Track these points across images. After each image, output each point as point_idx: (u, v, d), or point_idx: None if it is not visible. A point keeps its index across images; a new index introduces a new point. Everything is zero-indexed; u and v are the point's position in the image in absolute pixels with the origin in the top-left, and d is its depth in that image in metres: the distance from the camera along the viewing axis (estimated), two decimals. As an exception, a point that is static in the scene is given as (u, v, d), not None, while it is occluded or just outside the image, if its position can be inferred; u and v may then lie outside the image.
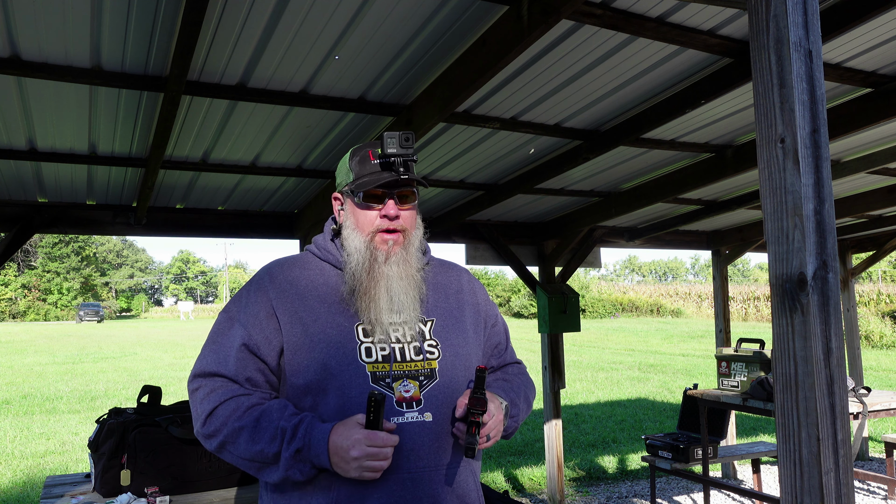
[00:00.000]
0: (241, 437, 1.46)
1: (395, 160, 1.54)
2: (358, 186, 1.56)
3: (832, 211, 1.26)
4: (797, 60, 1.26)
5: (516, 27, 2.13)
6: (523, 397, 1.70)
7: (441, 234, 5.38)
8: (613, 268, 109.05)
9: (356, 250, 1.57)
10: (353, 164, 1.61)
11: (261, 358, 1.52)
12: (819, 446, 1.20)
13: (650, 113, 3.15)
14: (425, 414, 1.49)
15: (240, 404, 1.49)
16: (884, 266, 42.09)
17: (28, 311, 54.51)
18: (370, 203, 1.57)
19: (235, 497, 2.90)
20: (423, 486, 1.46)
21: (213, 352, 1.56)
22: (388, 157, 1.54)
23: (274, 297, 1.56)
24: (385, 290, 1.53)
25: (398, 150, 1.53)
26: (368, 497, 1.44)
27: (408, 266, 1.57)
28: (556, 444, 5.78)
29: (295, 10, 2.18)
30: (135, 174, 3.84)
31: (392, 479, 1.45)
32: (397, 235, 1.58)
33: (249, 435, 1.45)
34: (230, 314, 1.59)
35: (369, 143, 1.63)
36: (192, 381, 1.57)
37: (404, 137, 1.53)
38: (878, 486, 6.17)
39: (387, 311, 1.53)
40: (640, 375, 15.21)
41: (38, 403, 12.14)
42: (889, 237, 6.89)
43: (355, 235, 1.59)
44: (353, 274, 1.55)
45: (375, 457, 1.38)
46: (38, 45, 2.30)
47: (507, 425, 1.59)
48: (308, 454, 1.42)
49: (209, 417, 1.49)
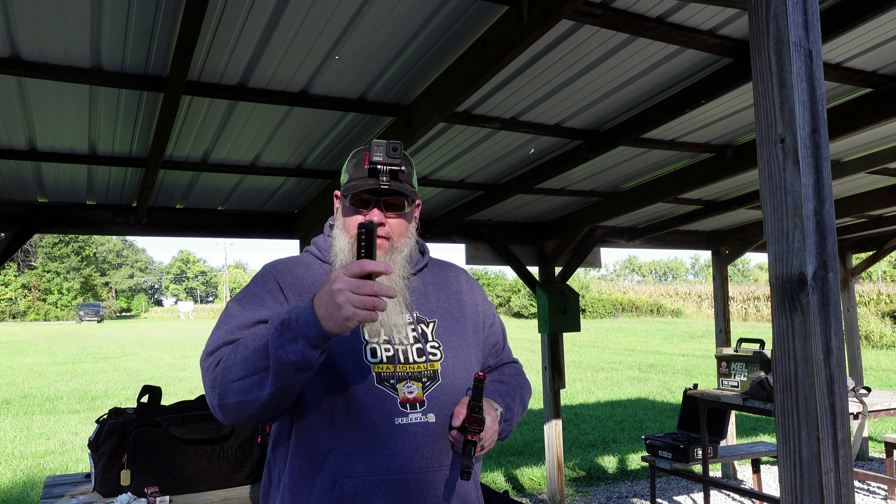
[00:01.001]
0: (237, 354, 1.37)
1: (381, 168, 1.53)
2: (346, 189, 1.57)
3: (832, 211, 1.26)
4: (797, 60, 1.26)
5: (516, 27, 2.14)
6: (518, 400, 1.70)
7: (441, 234, 5.38)
8: (613, 268, 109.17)
9: (341, 250, 1.58)
10: (350, 165, 1.62)
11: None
12: (819, 446, 1.20)
13: (650, 113, 3.15)
14: (428, 415, 1.50)
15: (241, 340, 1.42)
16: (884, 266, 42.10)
17: (28, 311, 54.51)
18: (357, 207, 1.57)
19: (235, 497, 2.90)
20: (427, 486, 1.47)
21: (225, 331, 1.49)
22: (374, 164, 1.53)
23: (284, 288, 1.56)
24: None
25: (384, 158, 1.52)
26: (373, 496, 1.44)
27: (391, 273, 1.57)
28: (556, 444, 5.78)
29: (295, 9, 2.18)
30: (135, 174, 3.84)
31: (396, 479, 1.45)
32: (381, 241, 1.56)
33: (243, 346, 1.37)
34: (240, 302, 1.55)
35: (369, 146, 1.62)
36: (204, 360, 1.49)
37: (391, 147, 1.52)
38: (879, 486, 6.17)
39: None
40: (640, 375, 15.20)
41: (38, 403, 12.14)
42: (889, 237, 6.89)
43: (341, 235, 1.60)
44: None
45: (360, 288, 1.24)
46: (38, 45, 2.30)
47: (500, 429, 1.59)
48: (297, 322, 1.29)
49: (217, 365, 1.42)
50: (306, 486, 1.48)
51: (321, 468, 1.47)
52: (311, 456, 1.48)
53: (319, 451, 1.47)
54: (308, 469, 1.48)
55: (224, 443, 3.01)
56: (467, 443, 1.44)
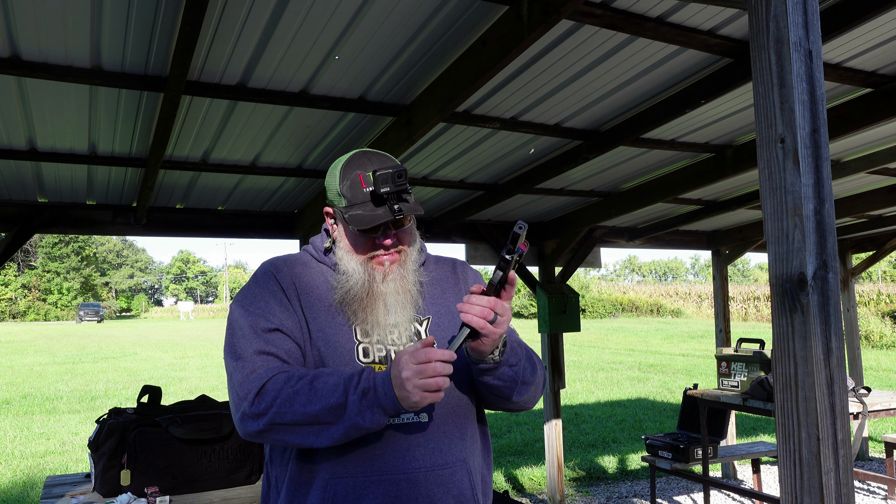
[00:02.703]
0: (295, 401, 1.39)
1: (390, 196, 1.47)
2: (352, 219, 1.50)
3: (832, 211, 1.26)
4: (797, 60, 1.26)
5: (516, 27, 2.14)
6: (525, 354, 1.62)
7: (441, 234, 5.38)
8: (613, 268, 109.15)
9: (354, 271, 1.54)
10: (343, 188, 1.54)
11: (288, 335, 1.50)
12: (819, 446, 1.20)
13: (650, 113, 3.15)
14: (421, 415, 1.50)
15: (291, 374, 1.43)
16: (884, 266, 42.11)
17: (28, 311, 54.52)
18: (366, 233, 1.54)
19: (235, 497, 2.90)
20: (419, 487, 1.46)
21: (243, 338, 1.49)
22: (382, 194, 1.47)
23: (285, 287, 1.56)
24: (383, 304, 1.53)
25: (392, 188, 1.46)
26: (364, 497, 1.44)
27: (405, 281, 1.56)
28: (556, 444, 5.78)
29: (295, 9, 2.18)
30: (135, 174, 3.84)
31: (388, 479, 1.45)
32: (394, 255, 1.56)
33: (306, 397, 1.39)
34: (247, 308, 1.54)
35: (357, 163, 1.56)
36: (228, 363, 1.49)
37: (397, 174, 1.46)
38: (878, 486, 6.17)
39: (383, 316, 1.53)
40: (640, 375, 15.20)
41: (38, 403, 12.14)
42: (889, 237, 6.89)
43: (350, 258, 1.56)
44: (349, 290, 1.53)
45: (424, 373, 1.33)
46: (38, 45, 2.30)
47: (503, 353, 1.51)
48: (375, 393, 1.36)
49: (258, 396, 1.41)
50: (303, 486, 1.48)
51: (316, 469, 1.47)
52: (306, 457, 1.49)
53: (314, 452, 1.48)
54: (304, 470, 1.49)
55: (224, 443, 3.01)
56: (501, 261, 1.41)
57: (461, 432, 1.55)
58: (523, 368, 1.57)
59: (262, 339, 1.48)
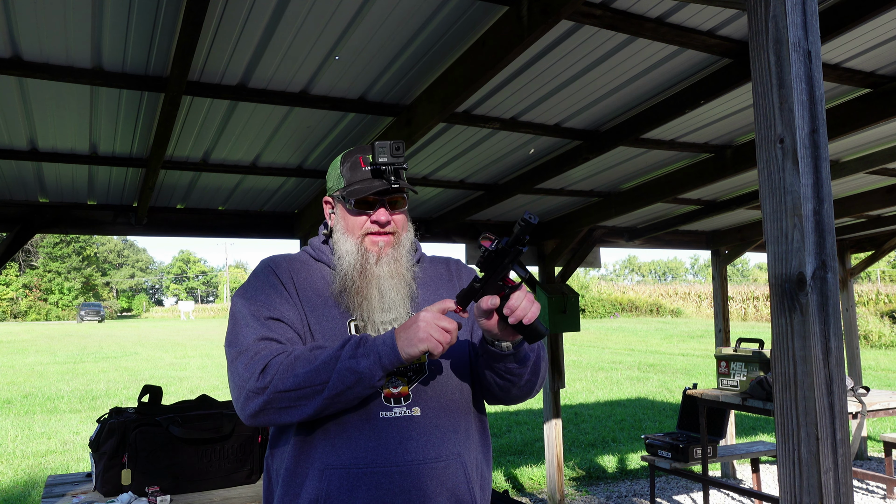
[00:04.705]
0: (296, 365, 1.42)
1: (387, 168, 1.56)
2: (350, 193, 1.59)
3: (831, 211, 1.26)
4: (796, 61, 1.27)
5: (516, 27, 2.14)
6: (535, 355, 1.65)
7: (441, 234, 5.38)
8: (613, 268, 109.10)
9: (347, 253, 1.60)
10: (343, 170, 1.63)
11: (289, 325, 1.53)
12: (818, 446, 1.21)
13: (650, 113, 3.16)
14: (413, 409, 1.52)
15: (293, 350, 1.47)
16: (883, 266, 42.11)
17: (29, 310, 54.49)
18: (362, 209, 1.61)
19: (236, 496, 2.91)
20: (412, 480, 1.48)
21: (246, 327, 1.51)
22: (380, 165, 1.56)
23: (284, 281, 1.59)
24: (377, 288, 1.57)
25: (389, 158, 1.56)
26: (357, 488, 1.46)
27: (398, 265, 1.61)
28: (555, 444, 5.78)
29: (295, 10, 2.18)
30: (136, 174, 3.85)
31: (381, 471, 1.47)
32: (388, 237, 1.62)
33: (306, 359, 1.42)
34: (247, 298, 1.57)
35: (359, 149, 1.65)
36: (230, 351, 1.51)
37: (395, 147, 1.56)
38: (877, 486, 6.18)
39: (378, 310, 1.57)
40: (640, 375, 15.20)
41: (40, 403, 12.14)
42: (888, 237, 6.89)
43: (346, 239, 1.62)
44: (345, 275, 1.58)
45: (440, 320, 1.41)
46: (39, 46, 2.30)
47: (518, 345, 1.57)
48: (374, 342, 1.43)
49: (263, 372, 1.43)
50: (299, 477, 1.51)
51: (312, 461, 1.50)
52: (302, 449, 1.51)
53: (309, 444, 1.51)
54: (300, 462, 1.51)
55: (224, 442, 3.02)
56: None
57: (454, 426, 1.56)
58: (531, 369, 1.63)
59: (265, 327, 1.51)
